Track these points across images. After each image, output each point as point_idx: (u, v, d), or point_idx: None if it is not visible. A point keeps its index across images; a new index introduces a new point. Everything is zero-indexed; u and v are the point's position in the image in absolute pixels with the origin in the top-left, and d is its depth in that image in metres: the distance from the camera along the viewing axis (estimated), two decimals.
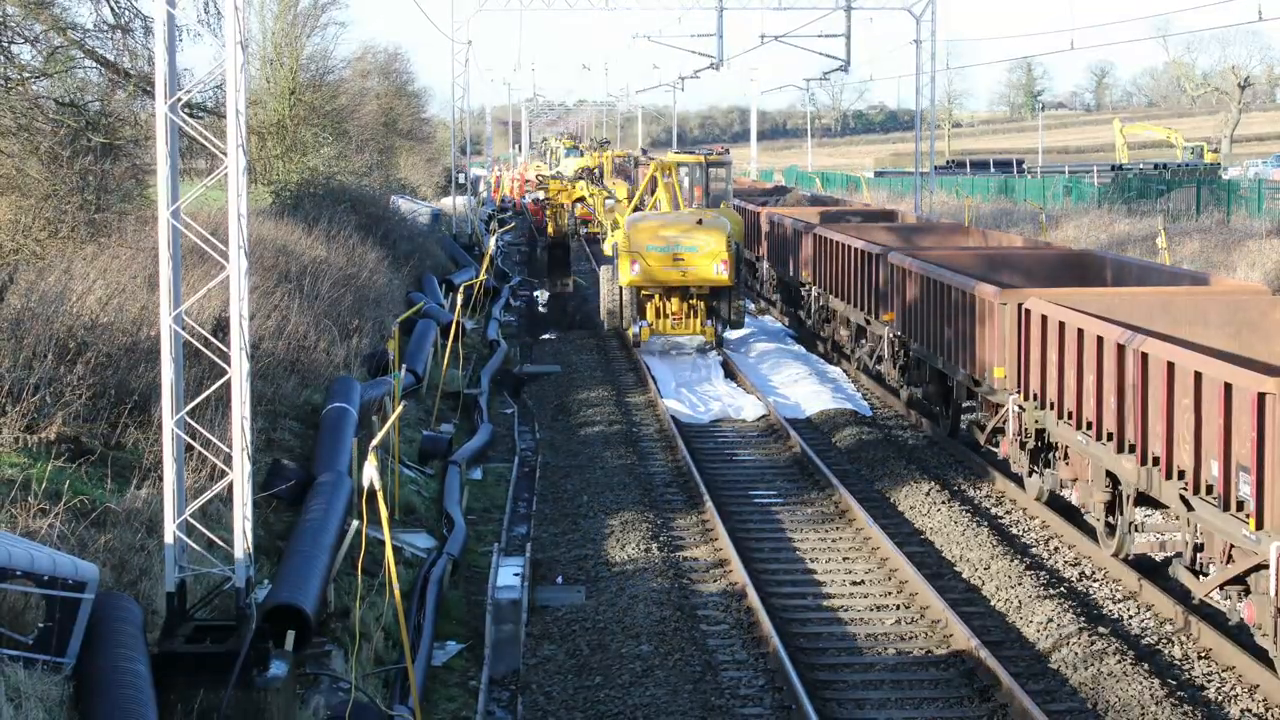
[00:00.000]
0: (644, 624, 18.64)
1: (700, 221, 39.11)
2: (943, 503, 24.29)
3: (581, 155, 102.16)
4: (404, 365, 29.64)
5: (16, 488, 15.09)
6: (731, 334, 41.01)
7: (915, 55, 58.08)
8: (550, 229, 53.64)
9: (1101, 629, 18.13)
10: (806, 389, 34.15)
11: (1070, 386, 21.35)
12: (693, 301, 39.39)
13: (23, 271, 22.80)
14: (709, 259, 38.59)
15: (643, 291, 39.51)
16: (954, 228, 42.37)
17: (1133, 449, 19.29)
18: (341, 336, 28.74)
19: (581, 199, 51.90)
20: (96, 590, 12.46)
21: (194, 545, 13.48)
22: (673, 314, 39.49)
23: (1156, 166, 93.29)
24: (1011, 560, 20.99)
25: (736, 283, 39.76)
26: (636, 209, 44.42)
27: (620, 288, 40.35)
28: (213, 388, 14.33)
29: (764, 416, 31.92)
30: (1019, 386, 23.64)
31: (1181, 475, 17.92)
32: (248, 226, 13.17)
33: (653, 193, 44.66)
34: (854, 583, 20.60)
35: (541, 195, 54.66)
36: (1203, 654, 17.48)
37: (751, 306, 49.81)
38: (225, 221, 13.33)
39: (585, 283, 54.23)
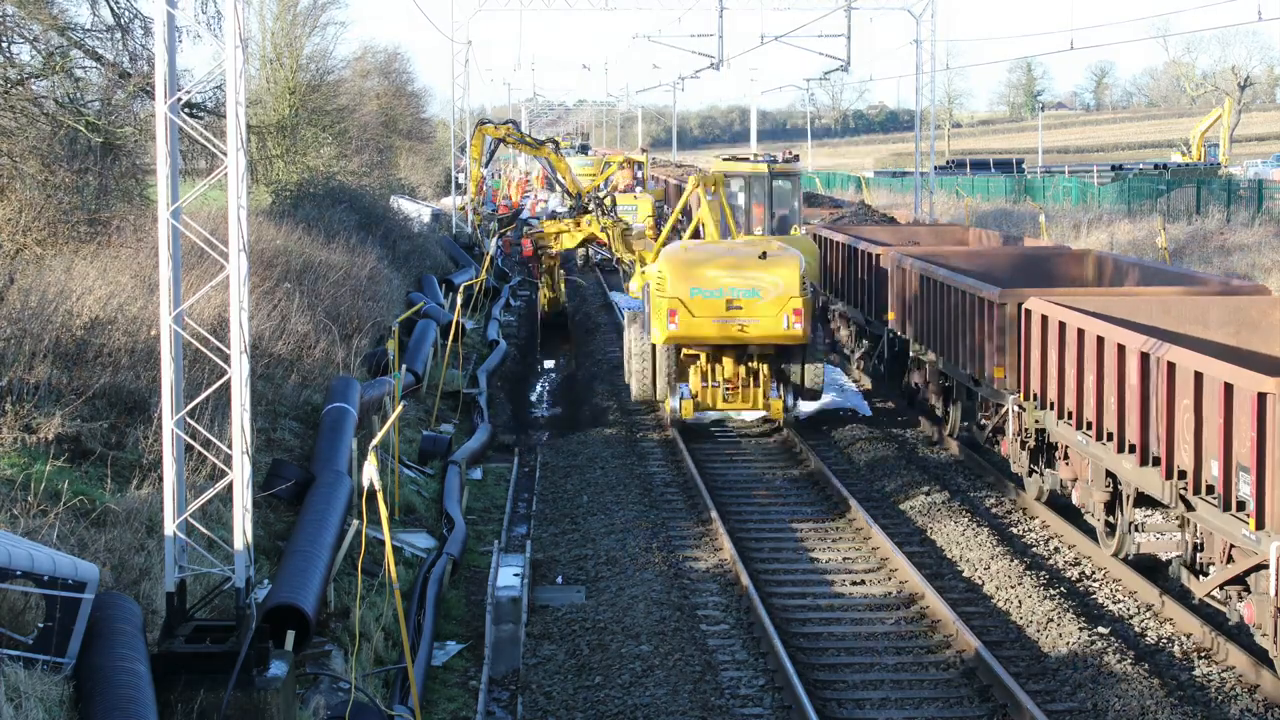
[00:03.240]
0: (644, 624, 18.64)
1: (764, 255, 29.28)
2: (943, 502, 24.30)
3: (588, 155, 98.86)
4: (404, 365, 29.65)
5: (16, 488, 15.10)
6: (805, 406, 31.02)
7: (915, 55, 58.15)
8: (544, 294, 40.51)
9: (1101, 629, 18.14)
10: None
11: (1070, 386, 21.35)
12: (752, 364, 29.78)
13: (23, 271, 22.80)
14: (776, 307, 28.82)
15: (685, 351, 29.98)
16: (953, 228, 42.38)
17: (1133, 449, 19.29)
18: (341, 336, 28.75)
19: (586, 241, 39.91)
20: (96, 590, 12.46)
21: (194, 545, 13.47)
22: (725, 381, 29.74)
23: (1157, 166, 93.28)
24: (1011, 560, 21.00)
25: (813, 338, 30.00)
26: (669, 240, 34.85)
27: (653, 346, 30.19)
28: (213, 388, 14.32)
29: (764, 417, 31.86)
30: (1019, 386, 23.64)
31: (1182, 475, 17.92)
32: (248, 226, 13.16)
33: (686, 216, 35.49)
34: (854, 582, 20.59)
35: (536, 236, 40.38)
36: (1203, 654, 17.48)
37: None
38: (225, 221, 13.32)
39: (584, 282, 54.04)
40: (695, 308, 28.86)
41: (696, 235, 34.55)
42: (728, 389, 29.67)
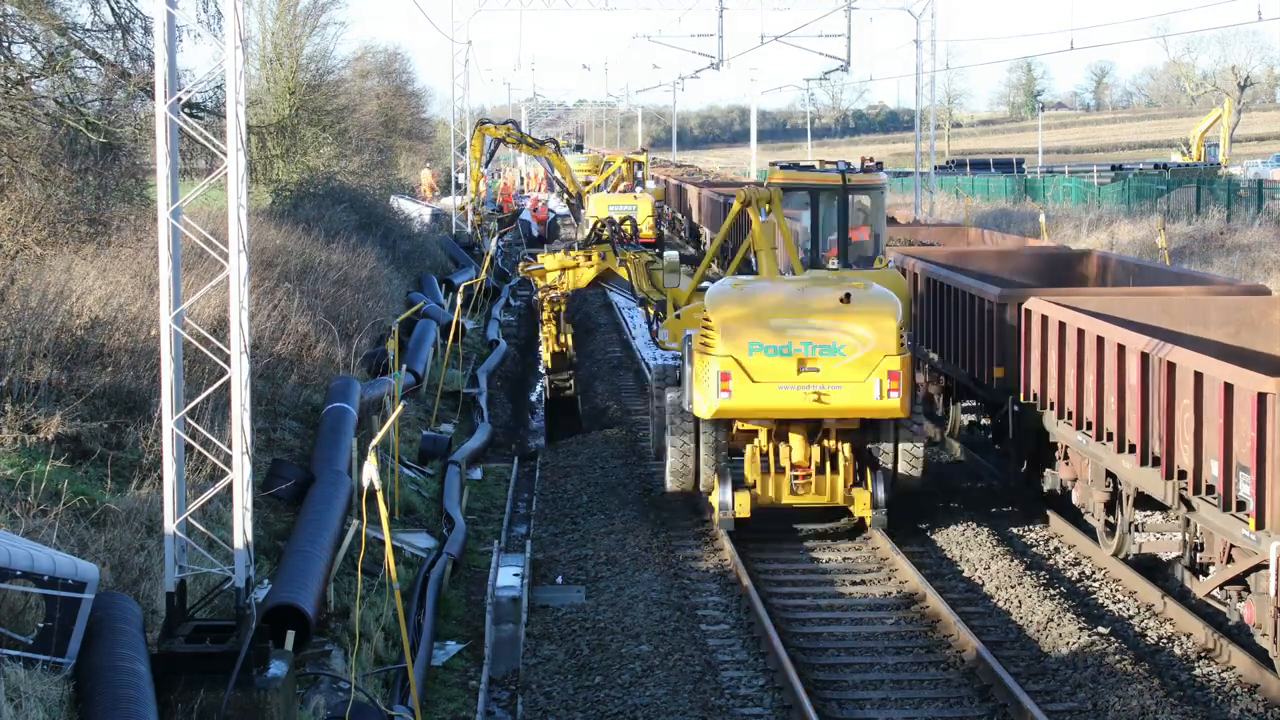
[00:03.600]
0: (644, 624, 18.64)
1: (847, 297, 21.65)
2: (942, 502, 24.28)
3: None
4: (404, 365, 29.66)
5: (16, 488, 15.10)
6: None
7: (915, 55, 58.17)
8: (549, 347, 32.76)
9: (1101, 629, 18.14)
10: None
11: (1070, 387, 21.35)
12: (829, 444, 22.19)
13: (23, 271, 22.81)
14: (865, 369, 21.40)
15: (739, 426, 22.55)
16: (953, 228, 42.36)
17: (1133, 449, 19.29)
18: (341, 336, 28.76)
19: (603, 278, 31.02)
20: (96, 590, 12.46)
21: (194, 545, 13.48)
22: (794, 467, 22.12)
23: (1157, 166, 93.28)
24: (1011, 560, 21.00)
25: (915, 410, 22.80)
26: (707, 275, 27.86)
27: (696, 421, 22.53)
28: (213, 388, 14.33)
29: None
30: (1019, 386, 23.63)
31: (1182, 475, 17.92)
32: (248, 226, 13.16)
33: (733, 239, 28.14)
34: (854, 582, 20.59)
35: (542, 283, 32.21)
36: (1203, 654, 17.48)
37: None
38: (225, 221, 13.33)
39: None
40: (756, 370, 21.43)
41: (745, 268, 27.26)
42: (796, 478, 22.07)
